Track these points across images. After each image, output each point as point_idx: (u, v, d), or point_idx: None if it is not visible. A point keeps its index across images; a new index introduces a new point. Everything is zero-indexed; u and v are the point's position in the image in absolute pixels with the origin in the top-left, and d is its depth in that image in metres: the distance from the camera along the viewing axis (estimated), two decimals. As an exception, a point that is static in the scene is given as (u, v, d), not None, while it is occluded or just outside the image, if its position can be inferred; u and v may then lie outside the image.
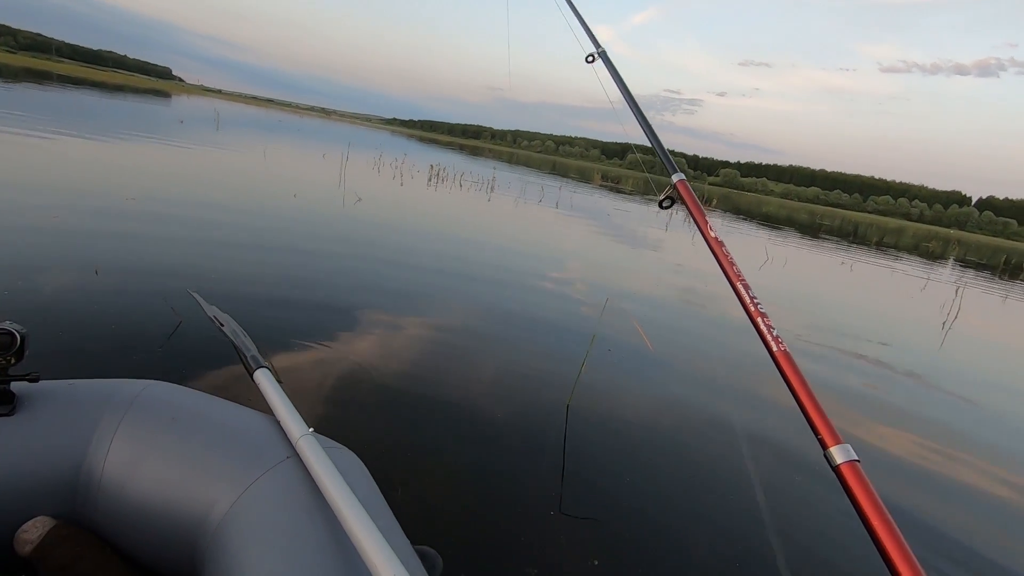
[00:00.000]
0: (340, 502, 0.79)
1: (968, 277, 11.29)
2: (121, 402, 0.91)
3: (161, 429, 0.90)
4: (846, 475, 0.62)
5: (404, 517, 1.29)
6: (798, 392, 0.72)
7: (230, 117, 20.35)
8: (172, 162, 6.66)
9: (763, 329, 0.79)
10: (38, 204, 3.48)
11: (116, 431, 0.88)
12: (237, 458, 0.90)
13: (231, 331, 1.14)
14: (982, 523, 1.85)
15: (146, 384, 0.96)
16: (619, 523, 1.46)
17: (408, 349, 2.27)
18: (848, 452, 0.64)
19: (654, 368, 2.63)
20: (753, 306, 0.82)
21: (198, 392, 1.00)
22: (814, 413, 0.69)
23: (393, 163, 12.05)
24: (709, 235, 0.95)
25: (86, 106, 12.98)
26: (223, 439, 0.92)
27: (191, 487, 0.86)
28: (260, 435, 0.95)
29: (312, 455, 0.88)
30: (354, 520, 0.75)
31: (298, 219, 4.63)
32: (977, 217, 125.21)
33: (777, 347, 0.76)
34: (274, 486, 0.86)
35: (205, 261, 2.91)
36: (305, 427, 0.94)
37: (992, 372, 4.19)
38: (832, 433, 0.66)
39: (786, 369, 0.75)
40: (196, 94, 56.42)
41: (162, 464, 0.88)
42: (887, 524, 0.58)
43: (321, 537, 0.78)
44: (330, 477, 0.84)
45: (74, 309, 1.99)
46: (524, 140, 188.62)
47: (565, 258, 5.31)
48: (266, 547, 0.77)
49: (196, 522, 0.85)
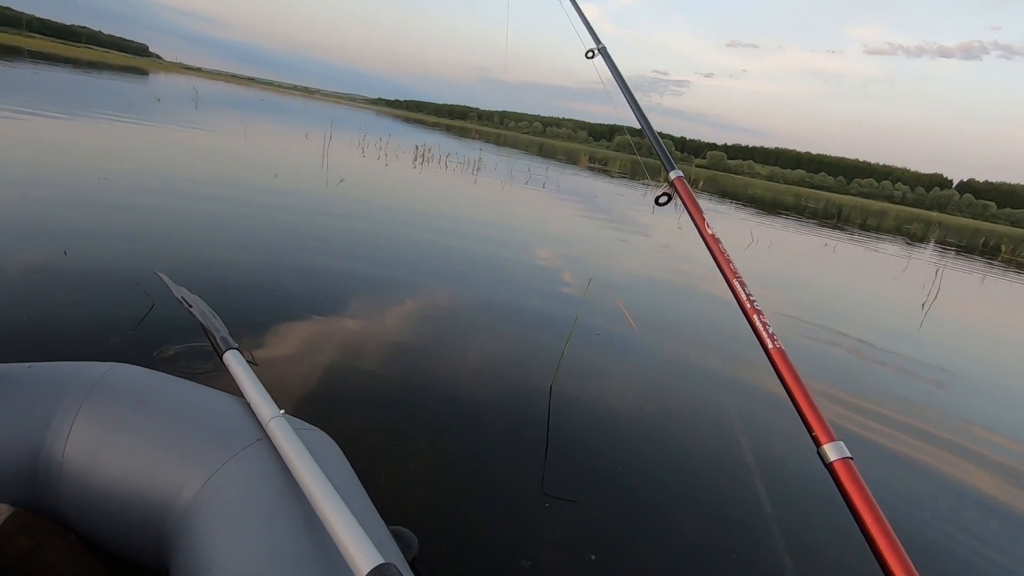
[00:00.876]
0: (311, 484, 0.77)
1: (948, 259, 11.47)
2: (82, 385, 0.87)
3: (125, 412, 0.87)
4: (839, 472, 0.63)
5: (381, 499, 1.27)
6: (792, 390, 0.73)
7: (210, 96, 19.85)
8: (148, 141, 6.48)
9: (759, 326, 0.79)
10: (4, 183, 3.36)
11: (77, 415, 0.85)
12: (205, 441, 0.87)
13: (200, 312, 1.11)
14: (971, 513, 1.88)
15: (109, 367, 0.92)
16: (602, 503, 1.46)
17: (388, 331, 2.24)
18: (841, 449, 0.64)
19: (638, 348, 2.63)
20: (749, 303, 0.82)
21: (164, 374, 0.96)
22: (808, 411, 0.69)
23: (377, 144, 11.87)
24: (706, 232, 0.95)
25: (58, 83, 12.57)
26: (190, 422, 0.89)
27: (157, 471, 0.84)
28: (229, 418, 0.92)
29: (283, 437, 0.86)
30: (325, 501, 0.74)
31: (278, 200, 4.54)
32: (958, 200, 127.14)
33: (772, 344, 0.77)
34: (244, 469, 0.84)
35: (179, 242, 2.83)
36: (276, 409, 0.92)
37: (970, 351, 4.27)
38: (826, 430, 0.66)
39: (781, 367, 0.75)
40: (175, 72, 54.89)
41: (126, 448, 0.85)
42: (880, 522, 0.59)
43: (292, 519, 0.77)
44: (301, 459, 0.82)
45: (40, 292, 1.93)
46: (511, 121, 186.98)
47: (550, 239, 5.28)
48: (235, 530, 0.75)
49: (163, 507, 0.83)
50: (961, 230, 33.09)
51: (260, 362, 1.75)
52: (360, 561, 0.65)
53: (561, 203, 8.55)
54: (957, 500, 1.86)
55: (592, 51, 1.35)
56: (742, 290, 0.84)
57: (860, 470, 0.63)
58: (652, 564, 1.29)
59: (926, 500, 1.81)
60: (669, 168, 1.06)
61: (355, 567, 0.65)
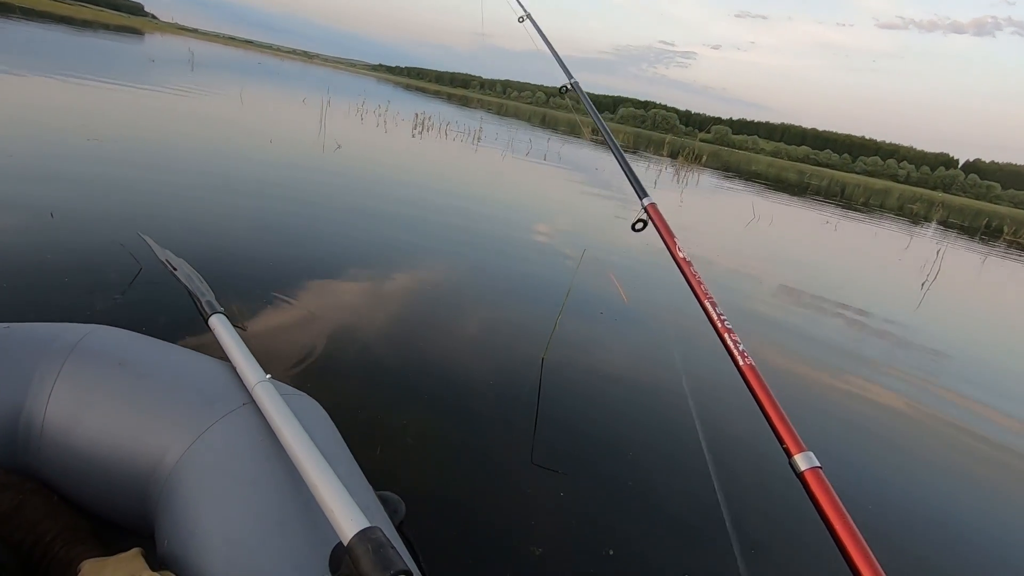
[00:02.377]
0: (297, 448, 0.76)
1: (949, 240, 11.43)
2: (63, 347, 0.86)
3: (107, 374, 0.86)
4: (809, 481, 0.65)
5: (370, 465, 1.27)
6: (764, 403, 0.76)
7: (206, 58, 19.42)
8: (140, 104, 6.36)
9: (730, 344, 0.82)
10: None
11: (58, 376, 0.84)
12: (190, 405, 0.86)
13: (184, 275, 1.08)
14: (942, 515, 1.89)
15: (91, 328, 0.90)
16: (589, 475, 1.46)
17: (381, 300, 2.22)
18: (811, 459, 0.67)
19: (629, 321, 2.62)
20: (720, 323, 0.86)
21: (148, 337, 0.95)
22: (779, 423, 0.72)
23: (376, 111, 11.67)
24: (678, 255, 0.99)
25: (50, 43, 12.26)
26: (175, 385, 0.88)
27: (141, 434, 0.83)
28: (215, 382, 0.91)
29: (269, 401, 0.85)
30: (311, 465, 0.73)
31: (273, 165, 4.47)
32: (963, 180, 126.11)
33: (743, 361, 0.80)
34: (229, 433, 0.84)
35: (169, 206, 2.79)
36: (262, 373, 0.91)
37: (966, 335, 4.28)
38: (796, 441, 0.69)
39: (752, 382, 0.78)
40: (170, 33, 53.60)
41: (109, 410, 0.84)
42: (849, 529, 0.62)
43: (277, 483, 0.76)
44: (287, 423, 0.81)
45: (26, 255, 1.90)
46: (514, 91, 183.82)
47: (548, 211, 5.23)
48: (220, 494, 0.75)
49: (147, 469, 0.82)
50: (964, 211, 32.91)
51: (249, 328, 1.74)
52: (345, 524, 0.64)
53: (561, 175, 8.46)
54: (928, 503, 1.85)
55: (565, 87, 1.52)
56: (713, 310, 0.87)
57: (831, 478, 0.66)
58: (635, 534, 1.30)
59: (899, 505, 1.81)
60: (642, 196, 1.12)
61: (340, 530, 0.64)
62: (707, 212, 8.14)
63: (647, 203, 1.10)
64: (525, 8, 1.72)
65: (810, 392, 2.34)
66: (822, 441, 1.91)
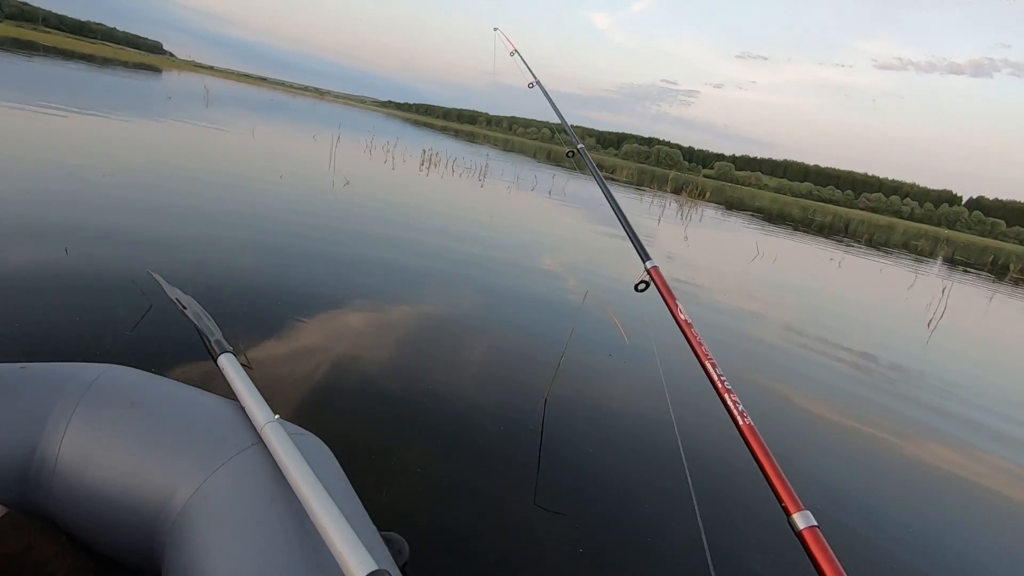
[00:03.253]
0: (304, 489, 0.78)
1: (955, 277, 11.40)
2: (77, 387, 0.88)
3: (119, 415, 0.87)
4: (808, 540, 0.67)
5: (374, 505, 1.27)
6: (763, 462, 0.78)
7: (220, 94, 20.00)
8: (155, 139, 6.53)
9: (730, 405, 0.84)
10: (9, 179, 3.39)
11: (72, 417, 0.85)
12: (200, 445, 0.87)
13: (194, 314, 1.11)
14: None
15: (104, 368, 0.92)
16: (592, 518, 1.45)
17: (385, 338, 2.24)
18: (808, 518, 0.68)
19: (631, 360, 2.61)
20: (720, 383, 0.88)
21: (159, 377, 0.97)
22: (777, 482, 0.74)
23: (385, 147, 11.92)
24: (680, 317, 1.02)
25: (71, 80, 12.69)
26: (185, 426, 0.90)
27: (151, 475, 0.84)
28: (224, 422, 0.92)
29: (277, 442, 0.87)
30: (319, 506, 0.74)
31: (282, 201, 4.56)
32: (967, 217, 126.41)
33: (743, 421, 0.82)
34: (238, 474, 0.85)
35: (179, 242, 2.84)
36: (271, 413, 0.92)
37: (975, 376, 4.23)
38: (794, 500, 0.71)
39: (752, 442, 0.80)
40: (187, 70, 55.34)
41: (120, 451, 0.85)
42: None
43: (285, 524, 0.77)
44: (295, 464, 0.83)
45: (40, 291, 1.93)
46: (520, 127, 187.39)
47: (551, 247, 5.28)
48: (228, 535, 0.76)
49: (156, 510, 0.83)
50: (970, 247, 32.90)
51: (256, 365, 1.76)
52: (353, 566, 0.65)
53: (565, 210, 8.56)
54: (933, 561, 1.82)
55: (572, 151, 1.64)
56: (714, 371, 0.90)
57: (829, 537, 0.67)
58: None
59: (901, 565, 1.78)
60: (645, 259, 1.17)
61: (348, 572, 0.65)
62: (710, 248, 8.19)
63: (650, 266, 1.15)
64: (535, 76, 1.83)
65: (811, 443, 2.31)
66: (822, 498, 1.87)
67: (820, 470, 2.05)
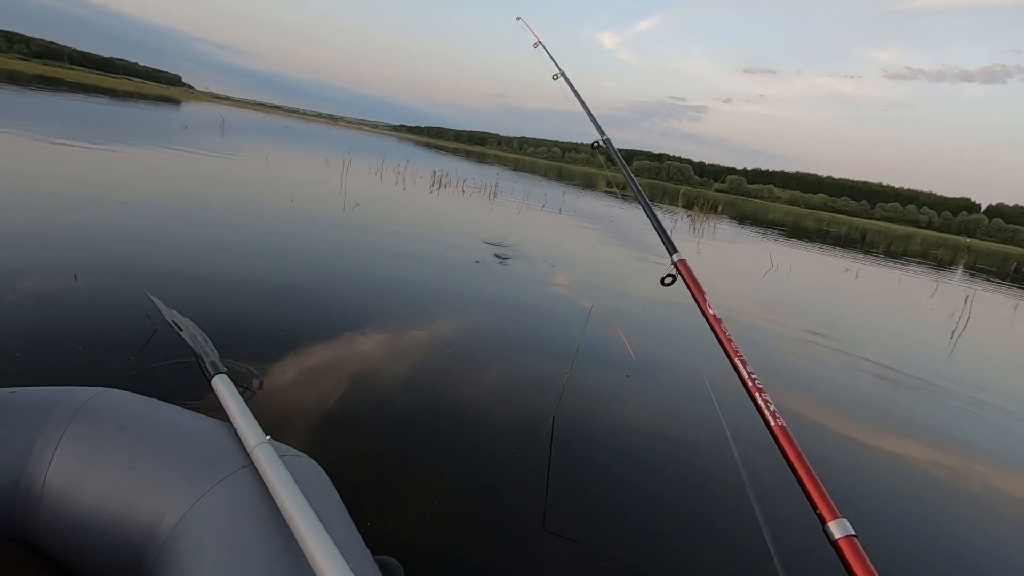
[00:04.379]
0: (294, 512, 0.76)
1: (978, 285, 11.14)
2: (66, 411, 0.86)
3: (108, 438, 0.86)
4: (844, 550, 0.63)
5: (374, 528, 1.24)
6: (796, 468, 0.73)
7: (237, 123, 20.49)
8: (170, 167, 6.68)
9: (761, 404, 0.80)
10: (26, 207, 3.46)
11: (60, 441, 0.84)
12: (189, 468, 0.86)
13: (190, 336, 1.10)
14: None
15: (95, 392, 0.91)
16: (604, 543, 1.39)
17: (389, 359, 2.21)
18: (845, 527, 0.64)
19: (638, 378, 2.54)
20: (751, 381, 0.83)
21: (151, 399, 0.95)
22: (812, 488, 0.69)
23: (396, 169, 12.07)
24: (708, 312, 0.98)
25: (93, 113, 13.09)
26: (175, 448, 0.88)
27: (139, 499, 0.82)
28: (215, 444, 0.90)
29: (268, 464, 0.85)
30: (307, 530, 0.73)
31: (292, 225, 4.60)
32: (987, 224, 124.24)
33: (775, 422, 0.77)
34: (227, 497, 0.83)
35: (190, 267, 2.86)
36: (262, 435, 0.90)
37: (1003, 384, 4.09)
38: (829, 508, 0.67)
39: (784, 444, 0.75)
40: (205, 101, 56.92)
41: (108, 475, 0.83)
42: None
43: (274, 548, 0.75)
44: (285, 487, 0.81)
45: (46, 316, 1.94)
46: (530, 147, 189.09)
47: (560, 264, 5.25)
48: (215, 560, 0.74)
49: (144, 535, 0.81)
50: (991, 255, 32.23)
51: (257, 386, 1.74)
52: None
53: (575, 227, 8.55)
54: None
55: (597, 143, 1.60)
56: (744, 368, 0.85)
57: (866, 547, 0.63)
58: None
59: None
60: (672, 251, 1.13)
61: None
62: (724, 261, 8.10)
63: (677, 259, 1.11)
64: (560, 67, 1.79)
65: (842, 453, 2.23)
66: (855, 505, 1.80)
67: (854, 480, 1.97)
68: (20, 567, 0.80)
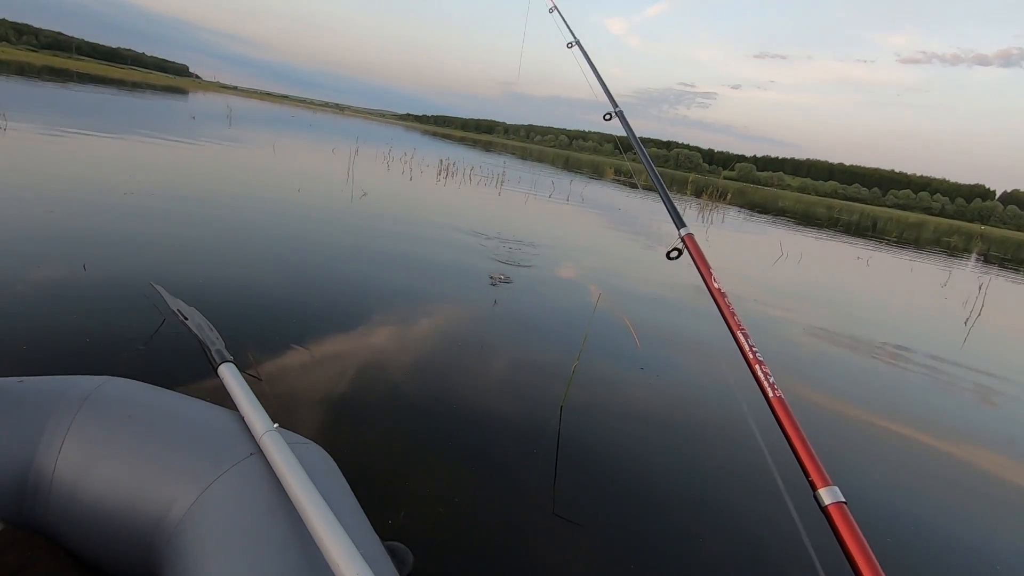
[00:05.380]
0: (303, 498, 0.76)
1: (992, 272, 10.99)
2: (74, 399, 0.86)
3: (117, 427, 0.86)
4: (834, 516, 0.65)
5: (383, 515, 1.24)
6: (791, 436, 0.76)
7: (243, 113, 20.49)
8: (177, 157, 6.69)
9: (760, 376, 0.83)
10: (36, 199, 3.49)
11: (69, 429, 0.84)
12: (198, 456, 0.86)
13: (195, 324, 1.10)
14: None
15: (103, 380, 0.91)
16: (613, 526, 1.39)
17: (398, 347, 2.21)
18: (836, 494, 0.67)
19: (644, 367, 2.52)
20: (752, 354, 0.86)
21: (158, 388, 0.95)
22: (805, 456, 0.73)
23: (403, 158, 12.04)
24: (713, 286, 1.01)
25: (101, 104, 13.14)
26: (183, 436, 0.88)
27: (148, 486, 0.83)
28: (222, 432, 0.90)
29: (276, 451, 0.85)
30: (316, 516, 0.73)
31: (298, 213, 4.61)
32: (1001, 211, 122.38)
33: (773, 393, 0.81)
34: (236, 484, 0.83)
35: (197, 257, 2.87)
36: (270, 422, 0.90)
37: (1018, 372, 4.05)
38: (821, 475, 0.69)
39: (780, 414, 0.79)
40: (212, 91, 56.96)
41: (117, 463, 0.84)
42: (872, 566, 0.61)
43: (283, 535, 0.75)
44: (293, 473, 0.81)
45: (56, 307, 1.96)
46: (537, 135, 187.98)
47: (567, 254, 5.23)
48: (225, 547, 0.74)
49: (153, 523, 0.82)
50: (1006, 243, 31.77)
51: (266, 376, 1.74)
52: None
53: (583, 216, 8.50)
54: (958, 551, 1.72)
55: (609, 114, 1.55)
56: (746, 341, 0.89)
57: (856, 515, 0.65)
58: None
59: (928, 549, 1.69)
60: (680, 226, 1.13)
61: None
62: (733, 250, 8.03)
63: (684, 233, 1.10)
64: (575, 35, 1.75)
65: (844, 431, 2.22)
66: (854, 480, 1.79)
67: (851, 456, 1.96)
68: (34, 553, 0.80)
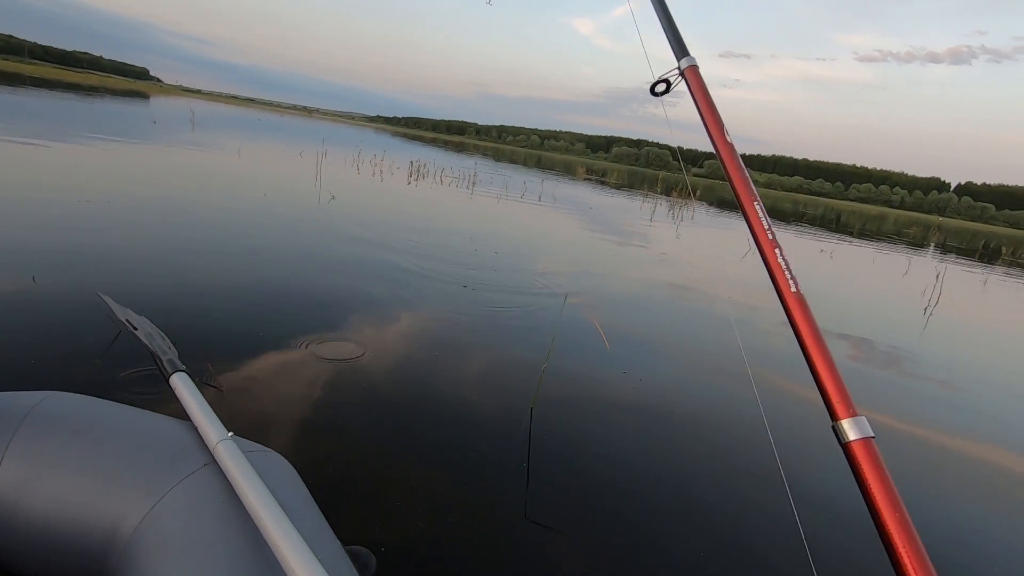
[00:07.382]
0: (259, 507, 0.75)
1: (948, 262, 11.42)
2: (12, 417, 0.83)
3: (61, 443, 0.83)
4: (857, 455, 0.51)
5: (349, 520, 1.22)
6: (808, 347, 0.60)
7: (208, 117, 20.00)
8: (137, 163, 6.50)
9: (776, 266, 0.62)
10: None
11: (7, 448, 0.81)
12: (148, 468, 0.83)
13: (145, 335, 1.06)
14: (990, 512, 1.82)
15: (44, 395, 0.88)
16: (587, 530, 1.40)
17: (362, 353, 2.18)
18: (864, 427, 0.53)
19: (613, 367, 2.54)
20: (770, 233, 0.65)
21: (104, 401, 0.92)
22: (827, 376, 0.57)
23: (372, 160, 11.91)
24: (722, 139, 0.78)
25: (57, 109, 12.66)
26: (133, 449, 0.85)
27: (96, 504, 0.80)
28: (174, 443, 0.88)
29: (231, 460, 0.84)
30: (273, 524, 0.72)
31: (265, 218, 4.52)
32: (956, 203, 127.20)
33: (792, 289, 0.62)
34: (189, 496, 0.81)
35: (156, 266, 2.78)
36: (224, 431, 0.88)
37: (976, 357, 4.21)
38: (846, 403, 0.54)
39: (797, 318, 0.61)
40: (175, 95, 55.42)
41: (62, 480, 0.80)
42: (899, 512, 0.48)
43: (239, 545, 0.74)
44: (249, 482, 0.80)
45: (4, 320, 1.87)
46: (509, 136, 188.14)
47: (537, 254, 5.24)
48: (179, 559, 0.72)
49: (103, 540, 0.79)
50: (961, 233, 33.03)
51: (225, 385, 1.69)
52: None
53: (554, 216, 8.54)
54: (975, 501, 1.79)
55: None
56: (760, 214, 0.66)
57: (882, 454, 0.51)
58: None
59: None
60: (681, 55, 0.77)
61: None
62: (702, 245, 8.17)
63: (686, 65, 0.77)
64: None
65: (812, 434, 2.27)
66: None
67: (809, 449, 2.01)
68: (-28, 579, 0.76)
